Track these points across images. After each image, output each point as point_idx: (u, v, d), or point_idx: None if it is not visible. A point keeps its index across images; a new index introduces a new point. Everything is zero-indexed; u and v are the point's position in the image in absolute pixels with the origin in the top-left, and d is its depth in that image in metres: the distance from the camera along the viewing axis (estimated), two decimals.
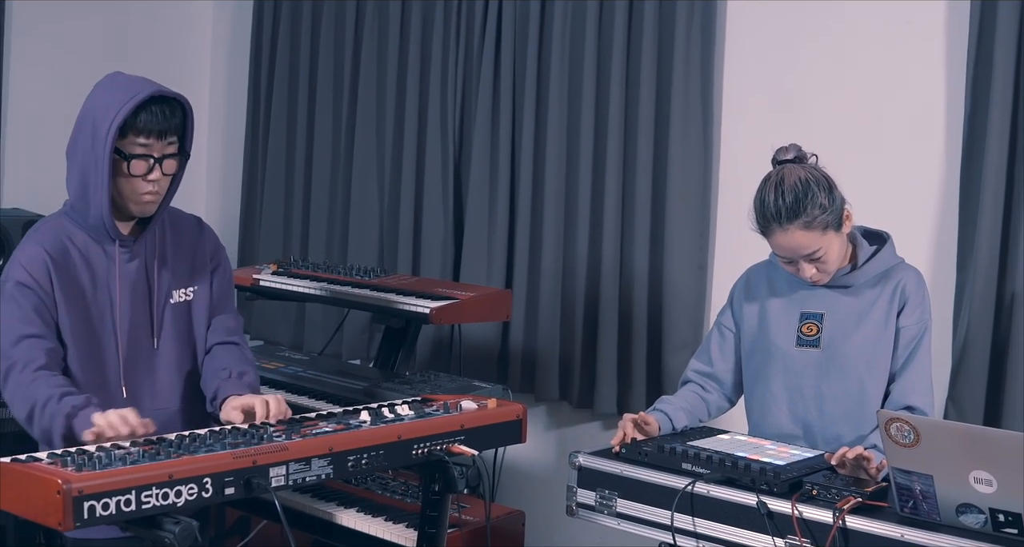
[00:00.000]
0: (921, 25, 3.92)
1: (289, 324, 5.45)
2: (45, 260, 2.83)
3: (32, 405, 2.71)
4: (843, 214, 3.03)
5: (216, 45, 5.95)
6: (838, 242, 3.02)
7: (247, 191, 5.70)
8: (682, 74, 4.29)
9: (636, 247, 4.42)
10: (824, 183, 3.02)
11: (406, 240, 5.02)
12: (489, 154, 4.78)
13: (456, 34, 4.88)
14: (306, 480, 2.59)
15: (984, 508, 2.51)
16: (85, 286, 2.87)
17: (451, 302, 3.73)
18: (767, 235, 3.03)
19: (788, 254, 3.01)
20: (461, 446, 2.86)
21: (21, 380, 2.75)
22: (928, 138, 3.92)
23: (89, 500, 2.23)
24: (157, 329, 2.96)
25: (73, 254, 2.87)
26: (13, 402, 2.77)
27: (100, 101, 2.80)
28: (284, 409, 2.82)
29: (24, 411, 2.73)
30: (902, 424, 2.55)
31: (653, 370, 4.44)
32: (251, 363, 3.06)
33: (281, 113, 5.51)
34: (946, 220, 3.87)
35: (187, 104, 2.87)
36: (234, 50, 5.86)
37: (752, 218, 3.07)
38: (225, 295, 3.12)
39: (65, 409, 2.67)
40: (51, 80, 5.14)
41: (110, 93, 2.80)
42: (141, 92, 2.77)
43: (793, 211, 2.96)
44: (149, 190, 2.83)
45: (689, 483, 2.82)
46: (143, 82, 2.82)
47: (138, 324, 2.94)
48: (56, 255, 2.84)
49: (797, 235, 2.96)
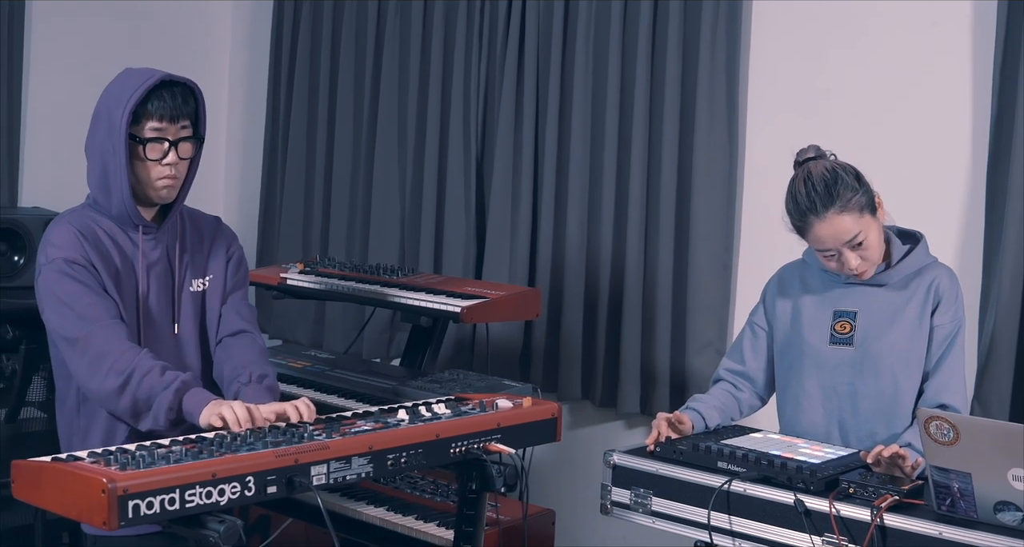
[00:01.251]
0: (948, 26, 3.91)
1: (308, 323, 5.45)
2: (80, 239, 2.88)
3: (129, 374, 2.72)
4: (875, 198, 3.04)
5: (236, 44, 5.96)
6: (876, 227, 3.03)
7: (266, 191, 5.71)
8: (707, 74, 4.30)
9: (661, 247, 4.42)
10: (850, 169, 3.05)
11: (428, 239, 5.02)
12: (512, 153, 4.78)
13: (479, 33, 4.88)
14: (347, 478, 2.60)
15: (1022, 505, 2.51)
16: (119, 267, 2.92)
17: (481, 301, 3.74)
18: (805, 231, 3.03)
19: (831, 244, 3.00)
20: (498, 444, 2.87)
21: (108, 349, 2.76)
22: (955, 140, 3.92)
23: (134, 499, 2.24)
24: (178, 315, 3.01)
25: (103, 237, 2.92)
26: (97, 373, 2.75)
27: (112, 93, 2.89)
28: (313, 413, 2.82)
29: (117, 381, 2.72)
30: (942, 422, 2.55)
31: (677, 370, 4.44)
32: (265, 355, 3.08)
33: (301, 113, 5.52)
34: (972, 222, 3.87)
35: (197, 89, 2.95)
36: (254, 49, 5.87)
37: (787, 219, 3.08)
38: (239, 284, 3.15)
39: (175, 382, 2.72)
40: (70, 80, 5.15)
41: (121, 84, 2.89)
42: (151, 78, 2.85)
43: (827, 197, 2.97)
44: (167, 174, 2.89)
45: (726, 481, 2.83)
46: (152, 70, 2.90)
47: (161, 310, 2.98)
48: (88, 234, 2.90)
49: (836, 221, 2.97)
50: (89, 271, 2.85)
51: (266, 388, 2.94)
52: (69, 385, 2.93)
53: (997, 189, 3.74)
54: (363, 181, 5.29)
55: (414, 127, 5.10)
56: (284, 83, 5.60)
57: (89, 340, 2.77)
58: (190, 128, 2.92)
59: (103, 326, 2.79)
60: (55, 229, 2.92)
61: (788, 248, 3.37)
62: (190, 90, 2.92)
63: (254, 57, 5.87)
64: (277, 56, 5.64)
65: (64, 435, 2.98)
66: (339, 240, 5.35)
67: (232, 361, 3.01)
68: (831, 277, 3.17)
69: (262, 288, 4.31)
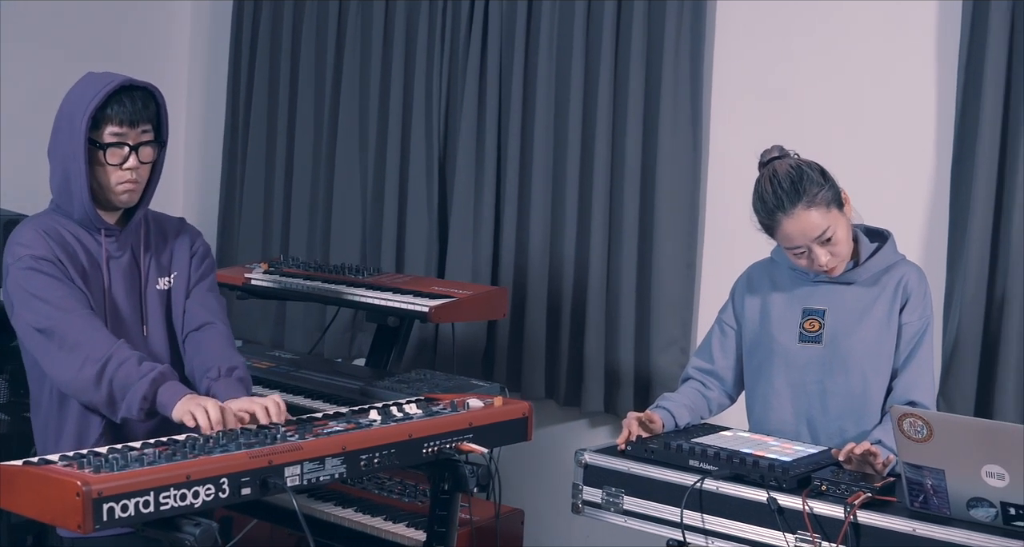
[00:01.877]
0: (913, 25, 3.94)
1: (269, 324, 5.41)
2: (45, 238, 2.87)
3: (105, 362, 2.71)
4: (841, 193, 3.06)
5: (195, 44, 5.89)
6: (844, 223, 3.05)
7: (226, 190, 5.65)
8: (671, 74, 4.30)
9: (624, 245, 4.42)
10: (815, 166, 3.08)
11: (390, 238, 5.00)
12: (475, 151, 4.77)
13: (441, 32, 4.86)
14: (320, 479, 2.58)
15: (995, 501, 2.53)
16: (85, 267, 2.90)
17: (449, 300, 3.73)
18: (774, 229, 3.04)
19: (800, 241, 3.01)
20: (470, 444, 2.86)
21: (84, 339, 2.75)
22: (918, 138, 3.95)
23: (108, 502, 2.21)
24: (146, 316, 2.99)
25: (68, 238, 2.91)
26: (73, 362, 2.74)
27: (73, 97, 2.89)
28: (283, 412, 2.80)
29: (94, 369, 2.71)
30: (915, 419, 2.56)
31: (641, 369, 4.45)
32: (232, 346, 3.06)
33: (261, 112, 5.47)
34: (936, 220, 3.90)
35: (158, 93, 2.94)
36: (213, 49, 5.81)
37: (755, 218, 3.09)
38: (203, 276, 3.12)
39: (152, 372, 2.71)
40: (27, 81, 5.08)
41: (82, 89, 2.88)
42: (111, 83, 2.85)
43: (794, 194, 2.99)
44: (128, 179, 2.89)
45: (698, 480, 2.83)
46: (112, 75, 2.90)
47: (129, 311, 2.96)
48: (53, 235, 2.89)
49: (804, 216, 2.99)
50: (57, 266, 2.84)
51: (237, 380, 2.93)
52: (43, 387, 2.92)
53: (961, 187, 3.78)
54: (324, 180, 5.25)
55: (376, 126, 5.07)
56: (244, 82, 5.55)
57: (66, 330, 2.77)
58: (151, 132, 2.92)
59: (79, 315, 2.79)
60: (19, 231, 2.91)
61: (752, 247, 3.39)
62: (151, 94, 2.92)
63: (213, 56, 5.82)
64: (237, 55, 5.59)
65: (40, 438, 2.97)
66: (300, 240, 5.32)
67: (200, 356, 3.00)
68: (800, 275, 3.18)
69: (226, 288, 4.27)
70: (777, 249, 3.22)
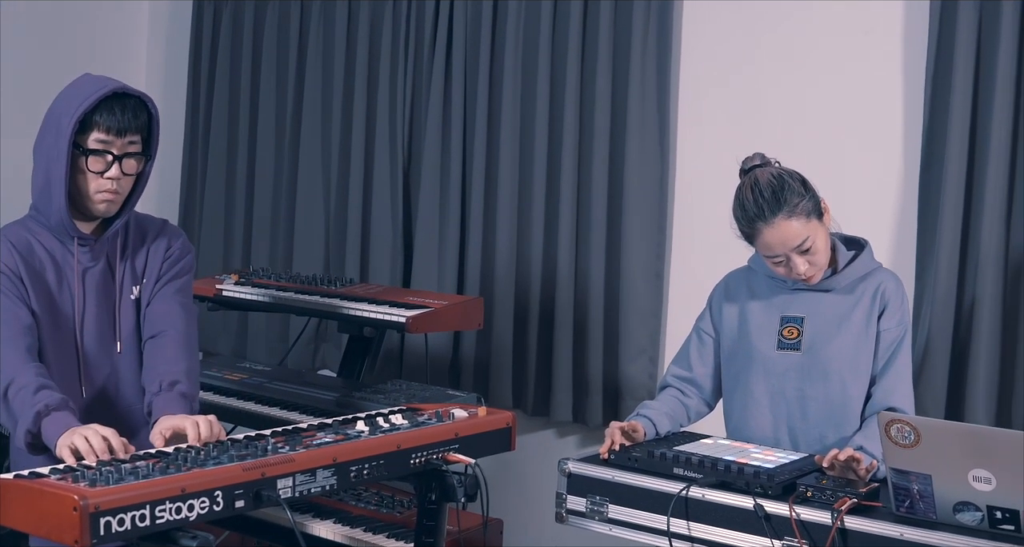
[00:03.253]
0: (880, 30, 3.99)
1: (231, 335, 5.37)
2: (11, 251, 2.83)
3: (7, 386, 2.66)
4: (821, 203, 3.09)
5: (153, 47, 5.82)
6: (823, 232, 3.08)
7: (185, 200, 5.60)
8: (638, 83, 4.32)
9: (592, 255, 4.44)
10: (796, 175, 3.10)
11: (353, 248, 4.97)
12: (440, 159, 4.76)
13: (405, 36, 4.84)
14: (311, 491, 2.57)
15: (982, 505, 2.57)
16: (50, 283, 2.86)
17: (426, 311, 3.72)
18: (754, 237, 3.07)
19: (779, 250, 3.04)
20: (458, 455, 2.86)
21: (1, 358, 2.71)
22: (886, 143, 3.99)
23: (105, 516, 2.20)
24: (120, 332, 2.94)
25: (38, 250, 2.87)
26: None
27: (64, 98, 2.84)
28: (218, 431, 2.70)
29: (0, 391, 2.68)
30: (903, 425, 2.59)
31: (610, 378, 4.46)
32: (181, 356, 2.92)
33: (222, 118, 5.43)
34: (905, 226, 3.94)
35: (152, 104, 2.89)
36: (172, 52, 5.75)
37: (735, 226, 3.11)
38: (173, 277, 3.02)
39: (38, 405, 2.62)
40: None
41: (75, 90, 2.84)
42: (103, 89, 2.80)
43: (775, 203, 3.01)
44: (108, 189, 2.84)
45: (684, 487, 2.85)
46: (108, 80, 2.85)
47: (102, 325, 2.92)
48: (21, 248, 2.85)
49: (784, 226, 3.01)
50: (10, 280, 2.80)
51: (178, 395, 2.81)
52: None
53: (930, 195, 3.83)
54: (286, 189, 5.22)
55: (339, 133, 5.05)
56: (204, 87, 5.50)
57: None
58: (139, 144, 2.87)
59: (3, 332, 2.74)
60: None
61: (721, 256, 3.40)
62: (143, 105, 2.86)
63: (172, 60, 5.75)
64: (196, 59, 5.54)
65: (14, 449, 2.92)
66: (262, 250, 5.28)
67: (147, 370, 2.92)
68: (778, 283, 3.21)
69: (197, 300, 4.23)
70: (755, 257, 3.24)
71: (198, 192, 5.54)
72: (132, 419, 2.94)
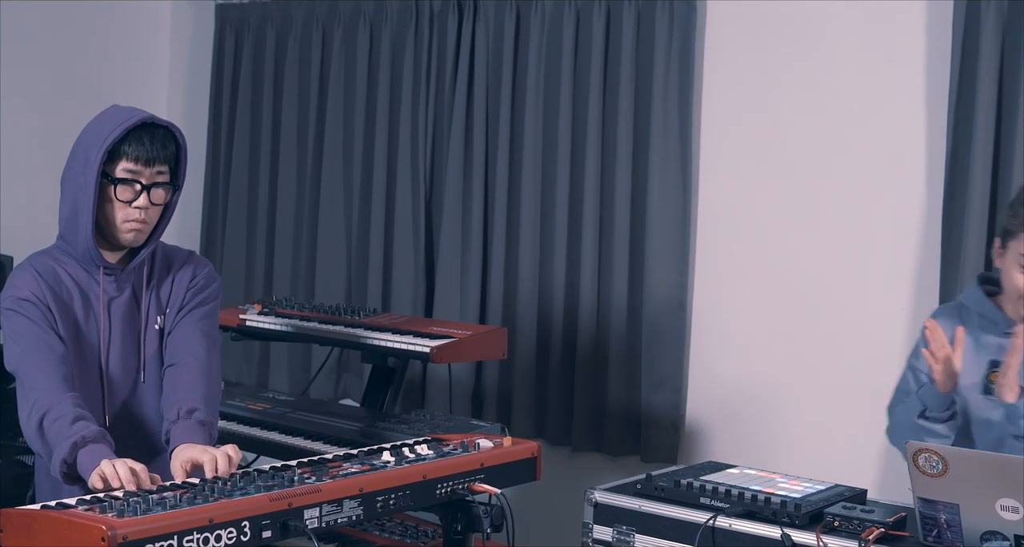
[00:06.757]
0: (902, 62, 4.00)
1: (253, 365, 5.38)
2: (38, 280, 2.85)
3: (43, 415, 2.68)
4: None
5: (174, 77, 5.86)
6: None
7: (207, 229, 5.62)
8: (660, 111, 4.33)
9: (615, 284, 4.44)
10: None
11: (376, 278, 4.99)
12: (462, 188, 4.78)
13: (427, 65, 4.86)
14: (338, 521, 2.56)
15: (1009, 535, 2.55)
16: (77, 312, 2.88)
17: (450, 341, 3.72)
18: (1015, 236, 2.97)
19: None
20: (484, 485, 2.85)
21: (37, 386, 2.73)
22: (910, 175, 3.99)
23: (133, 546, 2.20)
24: (144, 361, 2.95)
25: (64, 279, 2.89)
26: (24, 408, 2.74)
27: (93, 128, 2.86)
28: (236, 463, 2.69)
29: (35, 419, 2.69)
30: (930, 454, 2.58)
31: (632, 408, 4.45)
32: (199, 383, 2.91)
33: (243, 148, 5.45)
34: (928, 258, 3.93)
35: (180, 135, 2.91)
36: (193, 82, 5.78)
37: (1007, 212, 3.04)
38: (197, 305, 3.03)
39: (75, 436, 2.63)
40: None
41: (104, 120, 2.86)
42: (132, 118, 2.82)
43: None
44: (136, 218, 2.85)
45: (711, 517, 2.84)
46: (136, 110, 2.87)
47: (126, 355, 2.93)
48: (48, 277, 2.87)
49: None
50: (40, 309, 2.82)
51: (196, 423, 2.81)
52: None
53: (953, 223, 3.82)
54: (308, 218, 5.24)
55: (360, 162, 5.07)
56: (225, 117, 5.52)
57: (26, 373, 2.76)
58: (167, 174, 2.88)
59: (41, 359, 2.77)
60: (16, 272, 2.91)
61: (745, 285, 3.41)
62: (172, 135, 2.89)
63: (193, 90, 5.78)
64: (218, 89, 5.57)
65: (39, 478, 2.94)
66: (283, 280, 5.29)
67: (166, 397, 2.92)
68: (989, 324, 3.10)
69: (220, 330, 4.25)
70: (969, 293, 3.17)
71: (219, 222, 5.56)
72: (153, 447, 2.95)
